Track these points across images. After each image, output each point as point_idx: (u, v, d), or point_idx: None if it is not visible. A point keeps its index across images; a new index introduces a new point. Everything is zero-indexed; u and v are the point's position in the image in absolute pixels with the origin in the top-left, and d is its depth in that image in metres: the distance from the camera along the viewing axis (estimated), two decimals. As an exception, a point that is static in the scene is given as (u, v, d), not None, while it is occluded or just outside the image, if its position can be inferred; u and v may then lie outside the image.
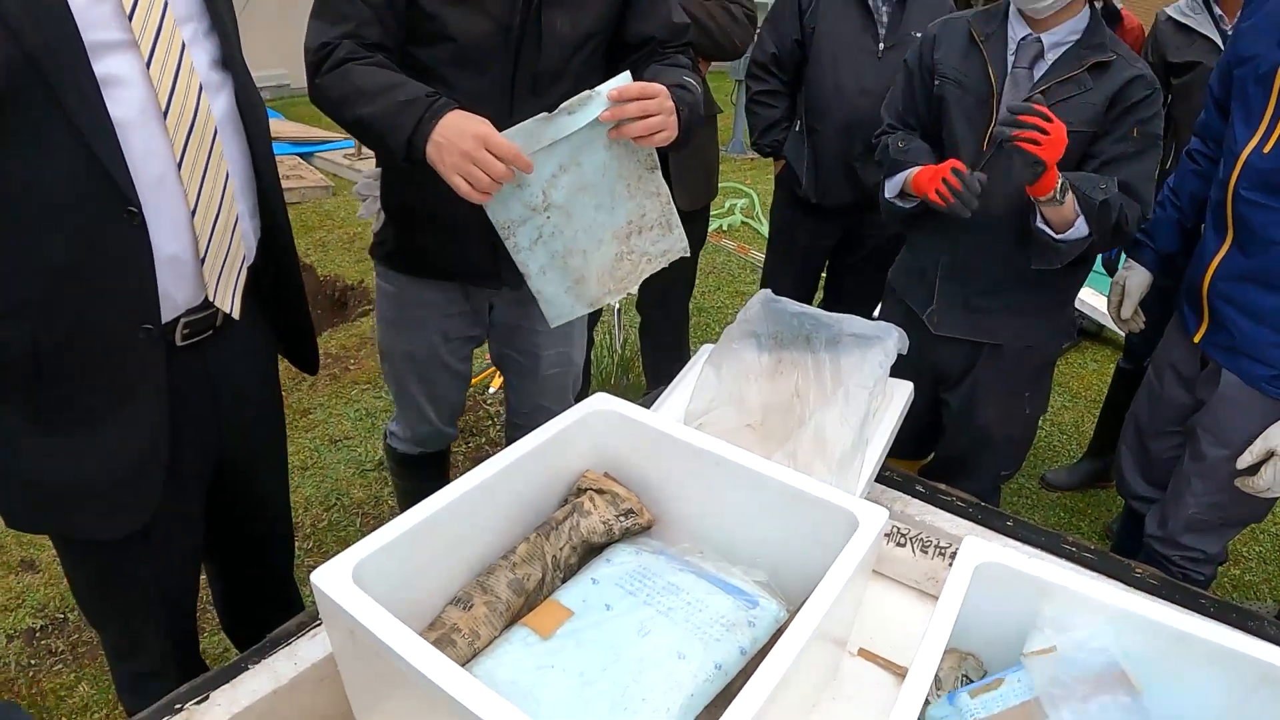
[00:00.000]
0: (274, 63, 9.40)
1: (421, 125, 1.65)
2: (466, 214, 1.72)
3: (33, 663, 2.56)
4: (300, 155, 7.33)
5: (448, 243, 1.97)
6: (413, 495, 2.42)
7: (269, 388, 1.82)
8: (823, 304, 3.56)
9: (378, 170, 2.17)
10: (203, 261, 1.45)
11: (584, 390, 2.67)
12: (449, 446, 2.57)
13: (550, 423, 1.26)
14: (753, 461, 1.20)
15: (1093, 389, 4.40)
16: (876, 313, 2.94)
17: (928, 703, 1.06)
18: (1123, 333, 2.76)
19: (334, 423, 3.70)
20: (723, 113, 3.45)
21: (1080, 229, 2.06)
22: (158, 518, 1.55)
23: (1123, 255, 2.57)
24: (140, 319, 1.41)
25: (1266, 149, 1.98)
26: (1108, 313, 2.63)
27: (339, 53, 1.78)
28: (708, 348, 1.80)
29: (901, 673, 1.30)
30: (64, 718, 2.41)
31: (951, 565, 1.14)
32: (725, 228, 6.42)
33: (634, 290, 1.81)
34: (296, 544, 2.40)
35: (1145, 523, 2.36)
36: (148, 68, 1.34)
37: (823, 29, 3.06)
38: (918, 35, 2.85)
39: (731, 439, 1.31)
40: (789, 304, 1.70)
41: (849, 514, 1.12)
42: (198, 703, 1.15)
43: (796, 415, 1.58)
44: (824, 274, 3.57)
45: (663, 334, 3.55)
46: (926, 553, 1.48)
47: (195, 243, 1.44)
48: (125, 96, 1.32)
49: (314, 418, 3.72)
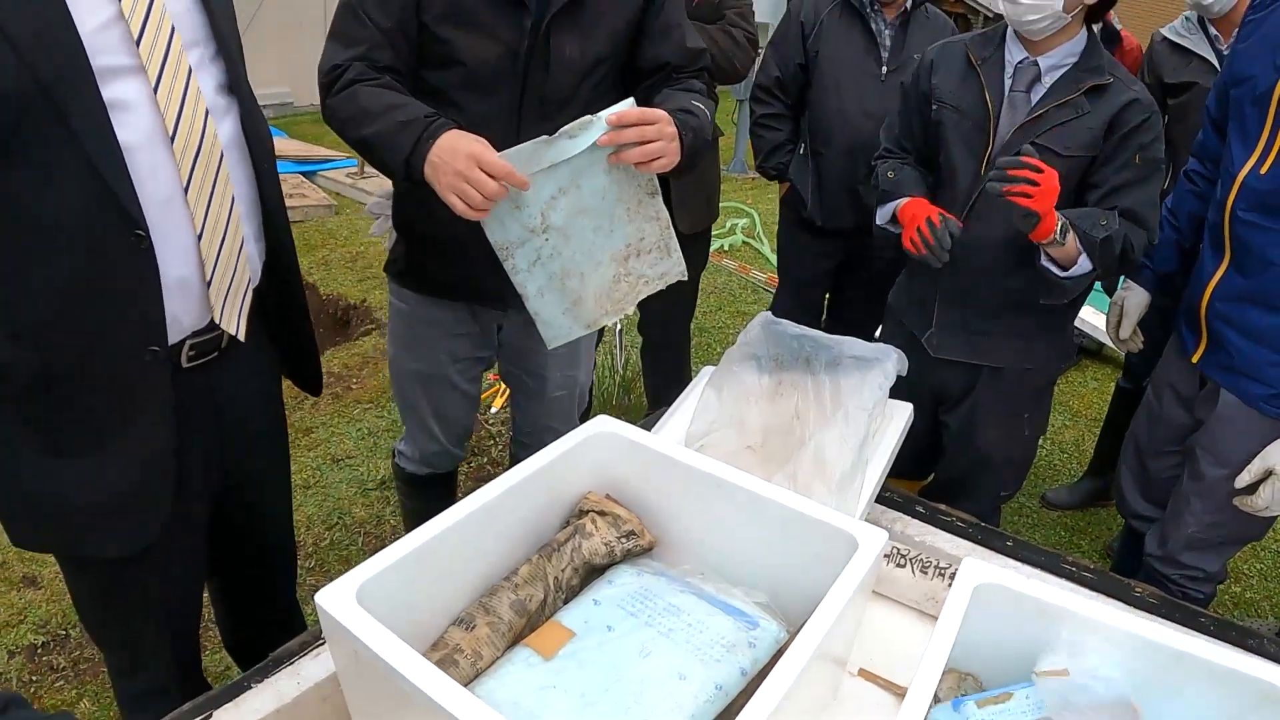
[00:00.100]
0: (277, 81, 9.46)
1: (419, 145, 1.68)
2: (474, 235, 1.74)
3: (34, 679, 2.56)
4: (303, 174, 7.33)
5: (455, 263, 1.98)
6: (419, 515, 2.42)
7: (273, 408, 1.83)
8: (825, 324, 3.58)
9: (389, 189, 2.19)
10: (209, 284, 1.47)
11: (586, 409, 2.68)
12: (457, 468, 2.57)
13: (552, 445, 1.27)
14: (753, 484, 1.21)
15: (1093, 408, 4.41)
16: (878, 334, 2.95)
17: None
18: (1122, 352, 2.77)
19: (336, 442, 3.70)
20: (724, 134, 3.48)
21: (1084, 265, 2.08)
22: (162, 537, 1.56)
23: (1121, 275, 2.58)
24: (148, 341, 1.43)
25: (1263, 170, 1.99)
26: (1107, 333, 2.64)
27: (348, 74, 1.82)
28: (708, 370, 1.81)
29: (901, 693, 1.30)
30: (65, 735, 2.41)
31: (951, 586, 1.14)
32: (726, 248, 6.43)
33: (630, 311, 1.83)
34: (298, 563, 2.41)
35: (1145, 542, 2.36)
36: (155, 93, 1.35)
37: (826, 53, 3.08)
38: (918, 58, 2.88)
39: (732, 460, 1.32)
40: (789, 326, 1.71)
41: (848, 536, 1.13)
42: (201, 721, 1.16)
43: (797, 437, 1.59)
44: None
45: (664, 355, 3.56)
46: (926, 573, 1.48)
47: (202, 266, 1.45)
48: (133, 121, 1.34)
49: (316, 436, 3.73)
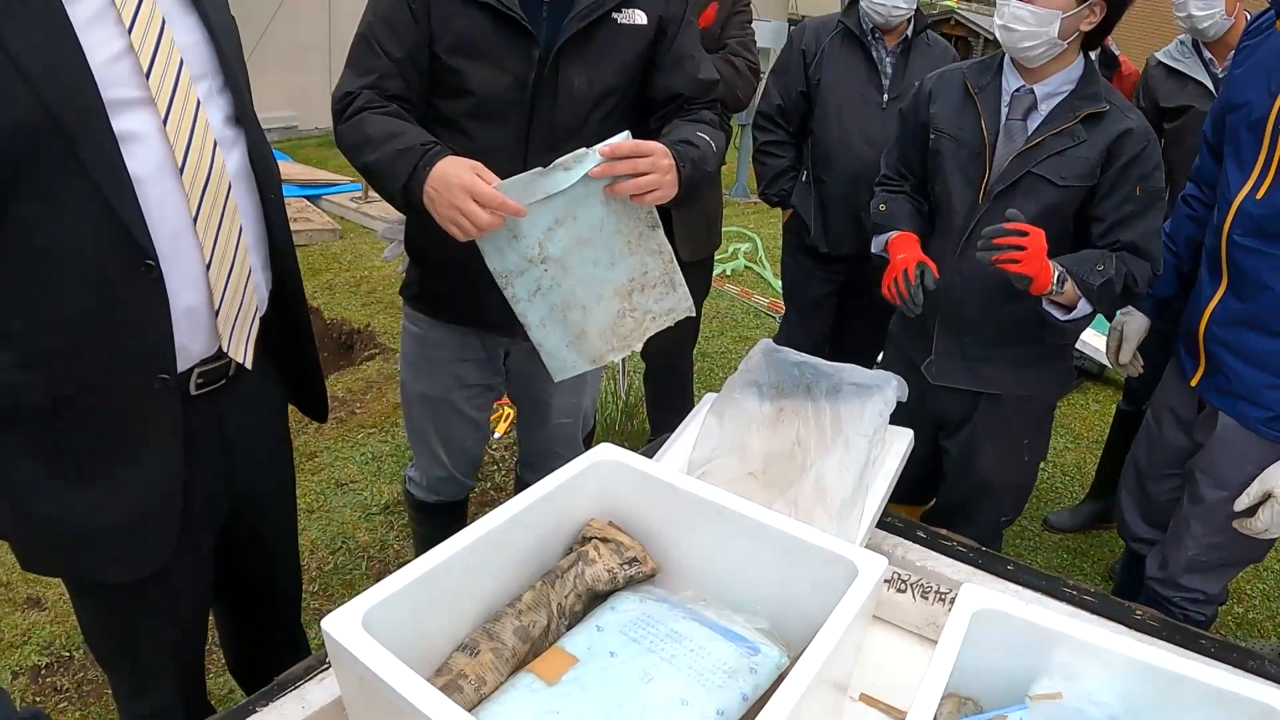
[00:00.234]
0: (281, 105, 9.52)
1: (416, 173, 1.72)
2: (481, 262, 1.77)
3: (38, 700, 2.56)
4: (308, 198, 7.36)
5: (464, 289, 2.00)
6: (429, 542, 2.44)
7: (279, 435, 1.84)
8: (827, 350, 3.58)
9: (400, 214, 2.22)
10: (217, 313, 1.49)
11: (589, 434, 2.69)
12: (467, 497, 2.57)
13: (556, 473, 1.28)
14: (754, 511, 1.22)
15: (1095, 430, 4.41)
16: (880, 359, 2.96)
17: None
18: (1122, 376, 2.78)
19: (340, 466, 3.71)
20: (725, 163, 3.50)
21: (1085, 307, 2.11)
22: (169, 562, 1.57)
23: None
24: (157, 369, 1.44)
25: (1259, 194, 2.01)
26: (1107, 357, 2.65)
27: (358, 102, 1.86)
28: (710, 397, 1.82)
29: (902, 717, 1.31)
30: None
31: (951, 610, 1.15)
32: (729, 272, 6.43)
33: (637, 348, 1.84)
34: (302, 586, 2.42)
35: (1146, 564, 2.37)
36: (164, 125, 1.37)
37: (827, 80, 3.11)
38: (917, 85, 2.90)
39: (734, 487, 1.33)
40: (790, 354, 1.73)
41: (849, 562, 1.14)
42: (206, 746, 1.17)
43: (798, 463, 1.60)
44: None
45: (667, 381, 3.56)
46: (927, 598, 1.49)
47: (210, 295, 1.47)
48: (143, 153, 1.35)
49: (320, 461, 3.74)
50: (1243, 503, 2.08)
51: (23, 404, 1.40)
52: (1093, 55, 2.20)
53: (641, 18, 1.94)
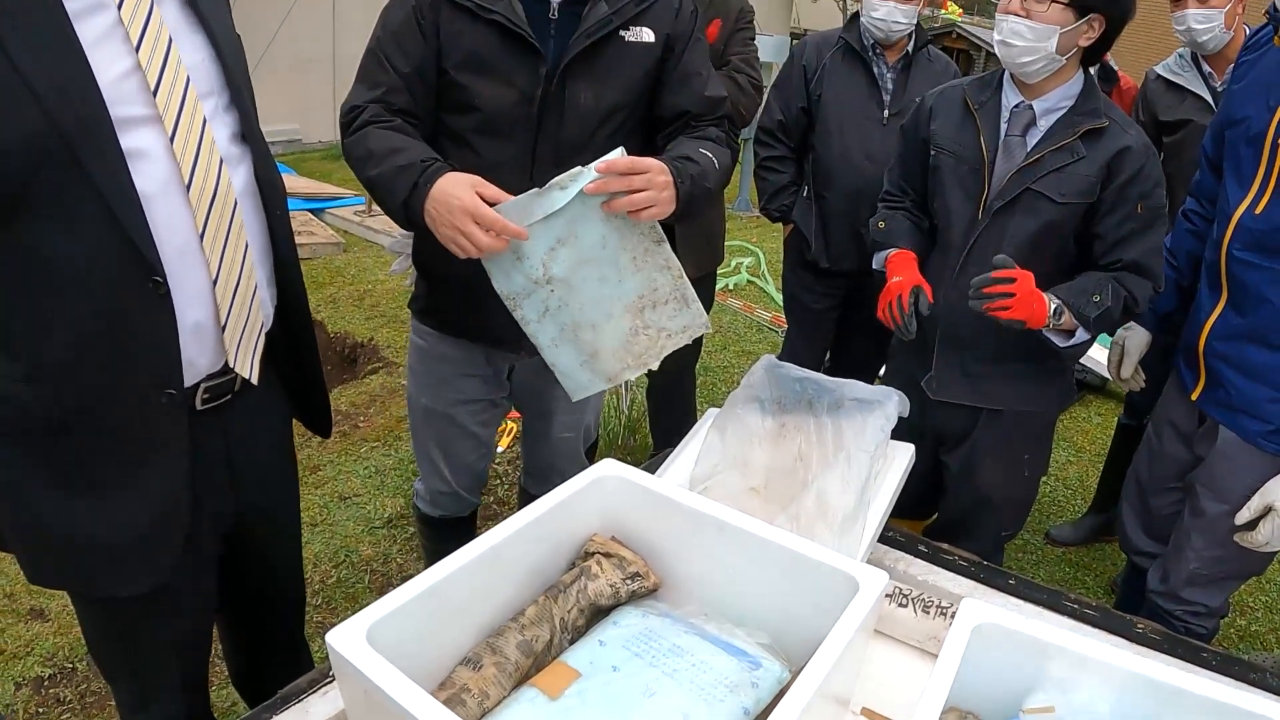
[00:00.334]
0: (286, 118, 9.55)
1: (416, 190, 1.74)
2: (486, 278, 1.78)
3: (40, 711, 2.56)
4: (311, 211, 7.36)
5: (470, 305, 2.01)
6: (436, 556, 2.44)
7: (284, 450, 1.85)
8: (829, 364, 3.60)
9: None
10: (224, 329, 1.50)
11: (592, 448, 2.70)
12: (474, 513, 2.57)
13: (559, 488, 1.29)
14: (755, 526, 1.23)
15: (1097, 443, 4.41)
16: (882, 372, 2.97)
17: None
18: (1124, 390, 2.79)
19: (343, 480, 3.72)
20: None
21: (1084, 334, 2.14)
22: (174, 575, 1.58)
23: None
24: (164, 384, 1.45)
25: (1258, 209, 2.01)
26: (1108, 372, 2.66)
27: (364, 116, 1.88)
28: (713, 412, 1.83)
29: (903, 732, 1.32)
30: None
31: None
32: (731, 287, 6.43)
33: (654, 366, 1.84)
34: (306, 600, 2.42)
35: (1147, 578, 2.37)
36: (171, 142, 1.38)
37: (828, 96, 3.11)
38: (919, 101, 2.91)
39: (736, 502, 1.33)
40: (791, 369, 1.74)
41: (850, 577, 1.14)
42: (211, 759, 1.18)
43: (799, 479, 1.61)
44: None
45: (669, 395, 3.57)
46: (929, 613, 1.49)
47: (217, 311, 1.48)
48: (150, 170, 1.37)
49: (323, 474, 3.74)
50: (1243, 516, 2.09)
51: (30, 417, 1.41)
52: (1092, 71, 2.20)
53: (649, 35, 1.95)
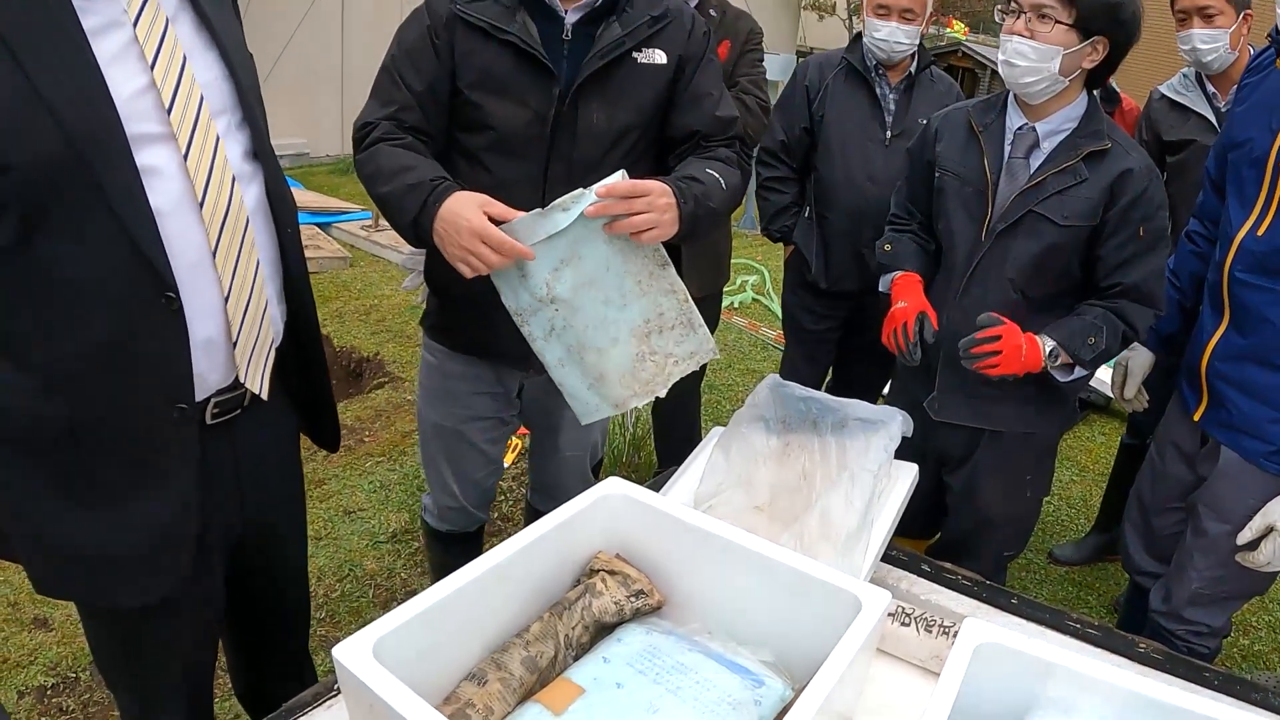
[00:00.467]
0: (293, 132, 9.61)
1: (425, 209, 1.76)
2: (497, 296, 1.80)
3: (43, 721, 2.57)
4: (318, 225, 7.40)
5: (479, 322, 2.02)
6: (443, 569, 2.45)
7: (291, 464, 1.86)
8: (831, 386, 3.59)
9: None
10: (235, 344, 1.51)
11: (597, 465, 2.71)
12: (481, 529, 2.58)
13: (564, 506, 1.30)
14: (759, 545, 1.24)
15: (1101, 462, 4.41)
16: (886, 391, 2.97)
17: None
18: (1127, 410, 2.79)
19: (348, 494, 3.73)
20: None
21: (1081, 370, 2.17)
22: (182, 587, 1.59)
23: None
24: (175, 398, 1.47)
25: (1260, 231, 2.03)
26: (1112, 392, 2.66)
27: (376, 133, 1.90)
28: (717, 430, 1.84)
29: (906, 751, 1.32)
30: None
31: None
32: (736, 305, 6.43)
33: (662, 394, 1.85)
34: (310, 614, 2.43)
35: (1150, 597, 2.37)
36: (185, 160, 1.40)
37: (831, 117, 3.10)
38: (924, 123, 2.91)
39: (740, 521, 1.34)
40: (796, 389, 1.74)
41: (852, 596, 1.15)
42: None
43: (804, 497, 1.61)
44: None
45: (674, 413, 3.56)
46: (931, 632, 1.50)
47: (228, 326, 1.50)
48: (164, 187, 1.38)
49: (328, 488, 3.75)
50: (1245, 536, 2.09)
51: (42, 429, 1.42)
52: (1095, 93, 2.21)
53: (661, 57, 1.97)
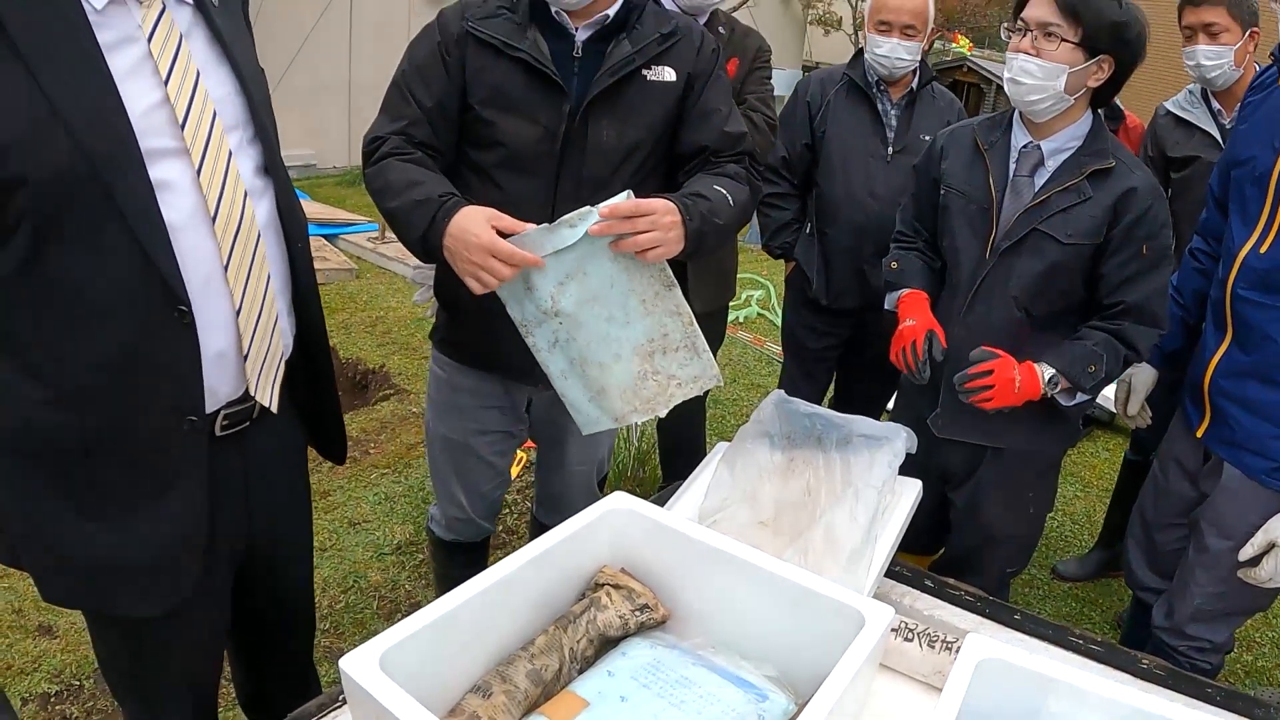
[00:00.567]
0: (301, 144, 9.62)
1: (434, 225, 1.78)
2: (506, 311, 1.81)
3: (45, 728, 2.57)
4: (325, 237, 7.40)
5: (488, 337, 2.03)
6: (448, 580, 2.45)
7: (298, 476, 1.87)
8: (834, 403, 3.58)
9: None
10: (245, 358, 1.53)
11: (603, 479, 2.71)
12: (486, 540, 2.59)
13: (570, 520, 1.31)
14: (763, 560, 1.25)
15: (1104, 478, 4.40)
16: (891, 404, 2.97)
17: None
18: (1131, 426, 2.80)
19: (353, 505, 3.73)
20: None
21: (1082, 395, 2.18)
22: (189, 598, 1.60)
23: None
24: (186, 411, 1.48)
25: (1263, 249, 2.03)
26: (1115, 409, 2.67)
27: (385, 147, 1.92)
28: (722, 446, 1.85)
29: (908, 766, 1.33)
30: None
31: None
32: (741, 320, 6.42)
33: (663, 413, 1.86)
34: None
35: (1152, 613, 2.37)
36: (198, 174, 1.42)
37: (832, 133, 3.10)
38: (926, 139, 2.88)
39: (744, 536, 1.35)
40: (801, 405, 1.76)
41: (856, 612, 1.16)
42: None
43: (808, 513, 1.62)
44: (835, 374, 3.57)
45: (679, 428, 3.56)
46: (934, 648, 1.50)
47: (239, 340, 1.51)
48: (177, 202, 1.40)
49: (333, 500, 3.76)
50: (1247, 552, 2.09)
51: (53, 439, 1.44)
52: (1100, 111, 2.21)
53: (670, 75, 1.98)
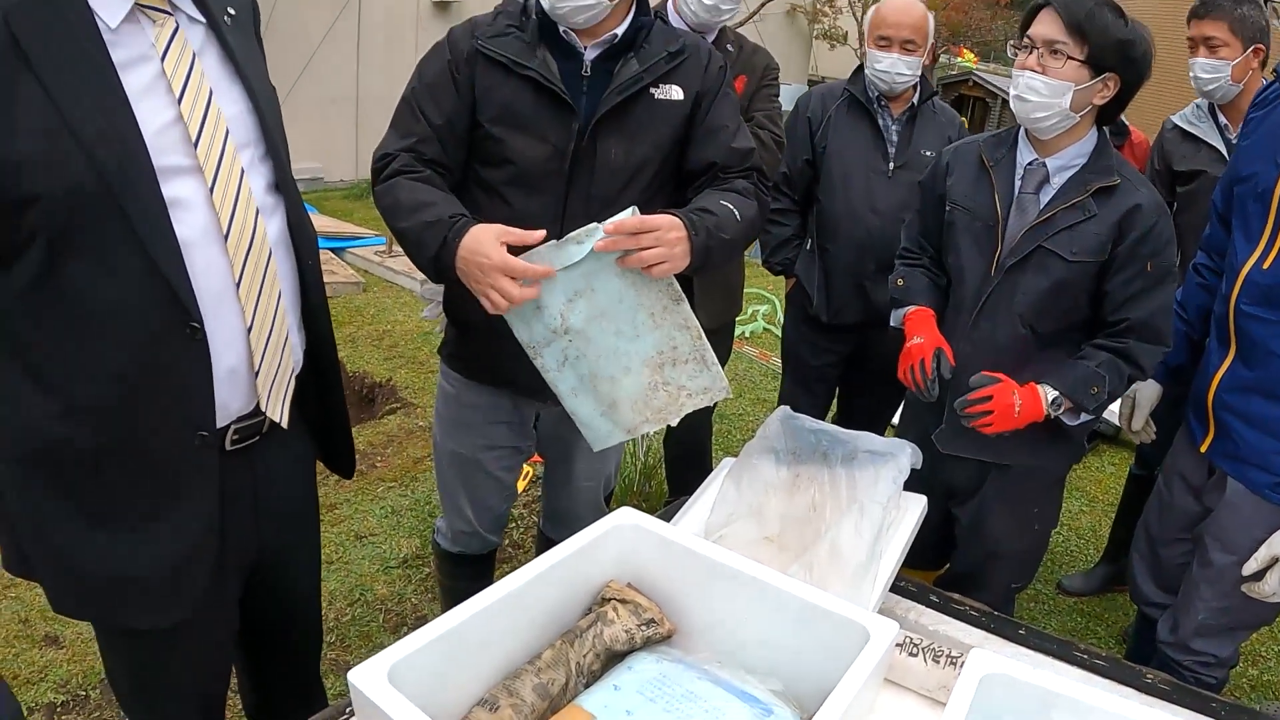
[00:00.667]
0: (308, 157, 9.65)
1: (446, 246, 1.79)
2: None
3: (51, 738, 2.57)
4: (332, 250, 7.41)
5: (497, 353, 2.03)
6: (453, 593, 2.45)
7: (307, 490, 1.89)
8: (836, 420, 3.57)
9: None
10: (257, 374, 1.54)
11: (609, 494, 2.72)
12: (492, 552, 2.60)
13: (577, 536, 1.32)
14: (768, 575, 1.25)
15: (1110, 493, 4.39)
16: (896, 418, 2.96)
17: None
18: (1135, 441, 2.80)
19: (360, 519, 3.74)
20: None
21: (1086, 415, 2.19)
22: (198, 610, 1.61)
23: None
24: (197, 426, 1.49)
25: (1266, 264, 2.04)
26: (1119, 424, 2.67)
27: (394, 164, 1.93)
28: (728, 461, 1.86)
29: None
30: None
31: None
32: (747, 335, 6.43)
33: (674, 423, 1.87)
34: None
35: (1157, 628, 2.37)
36: (211, 192, 1.43)
37: (833, 148, 3.08)
38: (927, 154, 2.90)
39: (750, 551, 1.36)
40: (806, 421, 1.77)
41: (861, 627, 1.17)
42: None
43: (813, 529, 1.63)
44: (837, 390, 3.55)
45: (685, 443, 3.56)
46: (939, 663, 1.51)
47: (250, 356, 1.52)
48: (190, 219, 1.41)
49: (340, 513, 3.77)
50: (1251, 567, 2.10)
51: (65, 452, 1.45)
52: (1105, 129, 2.22)
53: (678, 94, 1.99)
